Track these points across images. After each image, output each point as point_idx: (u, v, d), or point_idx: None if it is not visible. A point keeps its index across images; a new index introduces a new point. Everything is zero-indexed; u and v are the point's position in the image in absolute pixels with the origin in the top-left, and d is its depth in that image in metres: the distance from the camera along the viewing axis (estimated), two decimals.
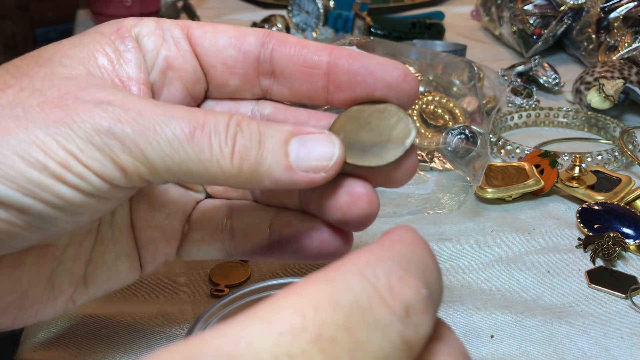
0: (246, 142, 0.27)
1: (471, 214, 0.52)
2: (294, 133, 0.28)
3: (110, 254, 0.33)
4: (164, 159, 0.26)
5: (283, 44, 0.31)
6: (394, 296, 0.19)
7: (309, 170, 0.28)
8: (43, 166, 0.25)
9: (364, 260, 0.19)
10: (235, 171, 0.27)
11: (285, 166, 0.28)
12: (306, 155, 0.28)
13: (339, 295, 0.18)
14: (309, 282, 0.19)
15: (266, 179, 0.27)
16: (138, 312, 0.40)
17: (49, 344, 0.37)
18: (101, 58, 0.29)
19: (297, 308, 0.18)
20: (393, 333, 0.18)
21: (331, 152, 0.28)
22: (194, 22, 0.32)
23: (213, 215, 0.35)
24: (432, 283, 0.20)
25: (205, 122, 0.27)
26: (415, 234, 0.22)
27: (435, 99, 0.60)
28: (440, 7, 1.12)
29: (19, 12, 2.02)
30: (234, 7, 1.16)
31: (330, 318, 0.18)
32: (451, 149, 0.54)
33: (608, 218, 0.49)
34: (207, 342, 0.17)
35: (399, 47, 0.71)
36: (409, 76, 0.30)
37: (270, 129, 0.28)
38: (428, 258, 0.21)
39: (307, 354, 0.17)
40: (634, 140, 0.61)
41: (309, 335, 0.17)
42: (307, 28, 0.90)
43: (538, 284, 0.43)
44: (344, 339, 0.18)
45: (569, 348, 0.38)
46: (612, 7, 0.78)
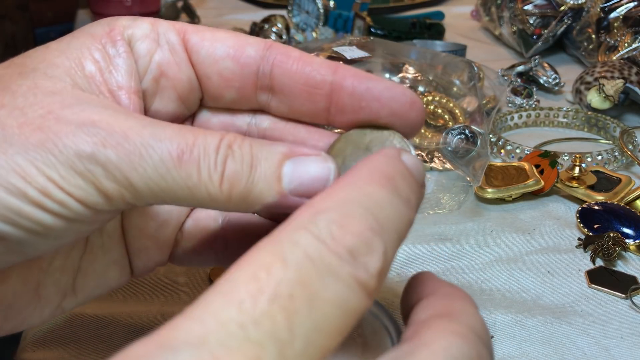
0: (237, 167, 0.25)
1: (471, 214, 0.52)
2: (288, 155, 0.26)
3: (100, 262, 0.32)
4: (149, 184, 0.25)
5: (285, 58, 0.29)
6: (337, 243, 0.19)
7: (302, 194, 0.26)
8: (22, 193, 0.24)
9: (304, 216, 0.20)
10: (224, 197, 0.25)
11: (277, 192, 0.26)
12: (300, 179, 0.26)
13: (286, 252, 0.19)
14: (257, 249, 0.19)
15: (257, 204, 0.26)
16: (138, 312, 0.40)
17: (49, 344, 0.37)
18: (89, 65, 0.28)
19: (250, 274, 0.18)
20: (344, 276, 0.19)
21: (326, 176, 0.27)
22: (192, 26, 0.30)
23: (206, 225, 0.34)
24: (383, 219, 0.21)
25: (195, 145, 0.25)
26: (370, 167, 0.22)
27: (435, 99, 0.60)
28: (440, 7, 1.12)
29: (19, 12, 2.02)
30: (234, 7, 1.16)
31: (283, 275, 0.18)
32: (451, 149, 0.54)
33: (608, 218, 0.49)
34: (177, 328, 0.18)
35: (399, 47, 0.71)
36: (416, 104, 0.28)
37: (263, 151, 0.26)
38: (379, 193, 0.21)
39: (269, 314, 0.18)
40: (634, 140, 0.61)
41: (267, 297, 0.18)
42: (307, 28, 0.90)
43: (538, 284, 0.43)
44: (301, 292, 0.18)
45: (569, 348, 0.38)
46: (612, 7, 0.78)
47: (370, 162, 0.22)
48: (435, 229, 0.50)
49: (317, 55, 0.66)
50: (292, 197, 0.26)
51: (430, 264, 0.46)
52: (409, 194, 0.22)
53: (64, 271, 0.30)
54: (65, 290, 0.31)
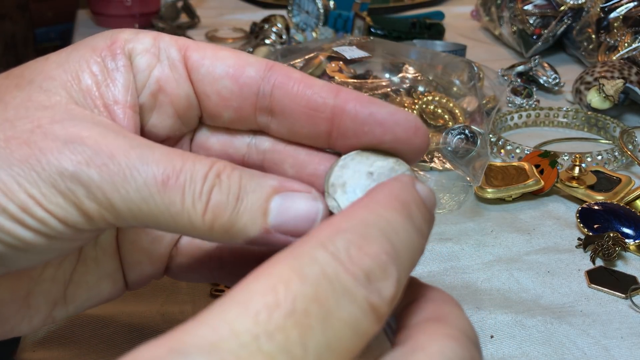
0: (222, 198, 0.25)
1: (471, 214, 0.52)
2: (278, 189, 0.26)
3: (93, 274, 0.32)
4: (130, 207, 0.24)
5: (286, 80, 0.28)
6: (354, 265, 0.20)
7: (288, 232, 0.26)
8: (2, 208, 0.24)
9: (324, 234, 0.20)
10: (206, 227, 0.25)
11: (261, 227, 0.25)
12: (286, 216, 0.26)
13: (305, 268, 0.19)
14: (276, 261, 0.19)
15: (239, 237, 0.25)
16: (138, 312, 0.40)
17: (49, 344, 0.37)
18: (86, 79, 0.28)
19: (268, 286, 0.18)
20: (359, 298, 0.19)
21: (313, 216, 0.26)
22: (194, 43, 0.30)
23: (202, 243, 0.33)
24: (398, 244, 0.21)
25: (182, 171, 0.25)
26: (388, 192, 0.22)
27: (435, 99, 0.60)
28: (440, 7, 1.12)
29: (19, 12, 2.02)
30: (234, 7, 1.16)
31: (301, 291, 0.18)
32: (451, 149, 0.54)
33: (608, 218, 0.49)
34: (189, 333, 0.18)
35: (399, 47, 0.71)
36: (420, 130, 0.27)
37: (253, 182, 0.26)
38: (396, 219, 0.21)
39: (283, 329, 0.18)
40: (634, 140, 0.61)
41: (283, 311, 0.18)
42: (307, 28, 0.90)
43: (538, 284, 0.43)
44: (316, 310, 0.18)
45: (569, 348, 0.38)
46: (612, 7, 0.78)
47: (386, 188, 0.23)
48: (435, 229, 0.49)
49: (317, 55, 0.66)
50: (277, 233, 0.26)
51: (430, 264, 0.46)
52: (422, 224, 0.23)
53: (55, 281, 0.30)
54: (55, 300, 0.30)
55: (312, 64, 0.65)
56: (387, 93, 0.63)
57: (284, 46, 0.83)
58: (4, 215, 0.24)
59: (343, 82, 0.62)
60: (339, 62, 0.66)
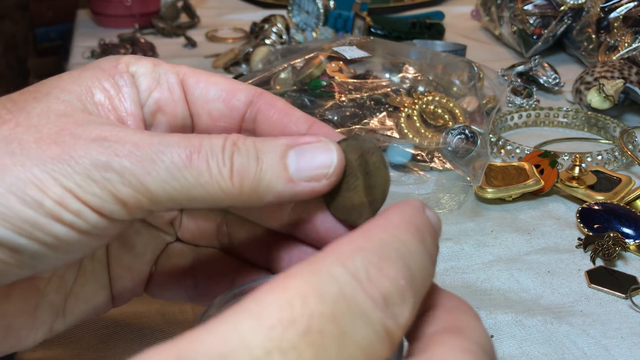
0: (244, 160, 0.27)
1: (471, 214, 0.52)
2: (290, 145, 0.28)
3: (90, 286, 0.33)
4: (164, 187, 0.26)
5: (269, 107, 0.31)
6: (374, 287, 0.19)
7: (311, 179, 0.28)
8: (39, 205, 0.25)
9: (344, 251, 0.20)
10: (236, 191, 0.27)
11: (286, 179, 0.27)
12: (306, 165, 0.28)
13: (324, 286, 0.18)
14: (293, 275, 0.19)
15: (268, 194, 0.27)
16: (138, 312, 0.40)
17: (49, 344, 0.37)
18: (98, 94, 0.29)
19: (285, 301, 0.18)
20: (376, 322, 0.19)
21: (330, 158, 0.28)
22: (190, 70, 0.32)
23: (177, 263, 0.35)
24: (414, 269, 0.21)
25: (202, 146, 0.26)
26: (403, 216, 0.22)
27: (435, 99, 0.60)
28: (440, 7, 1.12)
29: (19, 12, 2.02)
30: (234, 7, 1.16)
31: (317, 309, 0.18)
32: (451, 149, 0.54)
33: (608, 218, 0.49)
34: (199, 341, 0.17)
35: (399, 47, 0.71)
36: None
37: (266, 145, 0.28)
38: (412, 243, 0.21)
39: (297, 347, 0.17)
40: (634, 140, 0.61)
41: (298, 328, 0.18)
42: (307, 28, 0.90)
43: (538, 284, 0.43)
44: (332, 331, 0.18)
45: (569, 348, 0.38)
46: (612, 7, 0.78)
47: (399, 211, 0.22)
48: None
49: (317, 55, 0.66)
50: (301, 182, 0.28)
51: None
52: (433, 249, 0.23)
53: (58, 293, 0.32)
54: (57, 312, 0.32)
55: (312, 64, 0.65)
56: (387, 93, 0.63)
57: (284, 46, 0.83)
58: (39, 212, 0.25)
59: (343, 82, 0.62)
60: (339, 62, 0.66)
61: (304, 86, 0.64)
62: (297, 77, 0.65)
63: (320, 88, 0.63)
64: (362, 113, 0.60)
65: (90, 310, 0.33)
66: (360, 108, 0.60)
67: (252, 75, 0.63)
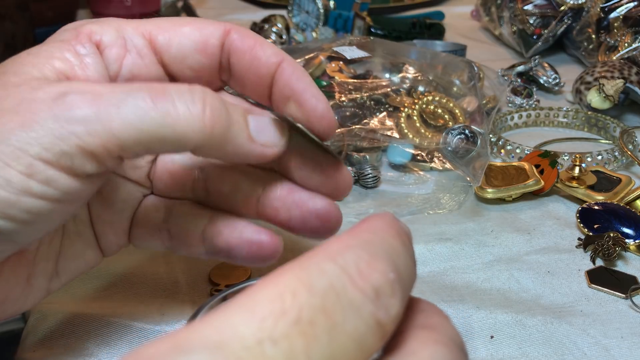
0: (216, 104, 0.28)
1: (471, 214, 0.52)
2: (249, 111, 0.30)
3: (78, 246, 0.34)
4: (130, 132, 0.26)
5: (241, 46, 0.33)
6: (364, 279, 0.20)
7: (263, 144, 0.30)
8: (7, 182, 0.25)
9: (333, 248, 0.20)
10: (207, 131, 0.27)
11: (247, 135, 0.29)
12: (260, 129, 0.30)
13: (313, 280, 0.19)
14: (284, 271, 0.20)
15: (231, 144, 0.29)
16: (138, 311, 0.40)
17: (50, 343, 0.38)
18: (59, 63, 0.29)
19: (276, 294, 0.19)
20: (366, 314, 0.19)
21: (279, 132, 0.31)
22: (155, 26, 0.32)
23: (152, 216, 0.36)
24: (401, 267, 0.21)
25: (166, 88, 0.27)
26: (384, 221, 0.23)
27: (435, 99, 0.60)
28: (440, 7, 1.12)
29: (19, 12, 2.02)
30: (234, 7, 1.16)
31: (307, 302, 0.18)
32: (451, 149, 0.54)
33: (608, 218, 0.49)
34: (194, 332, 0.18)
35: (399, 47, 0.71)
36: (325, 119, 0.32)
37: (229, 105, 0.29)
38: (396, 243, 0.22)
39: (288, 336, 0.18)
40: (634, 140, 0.61)
41: (289, 319, 0.18)
42: (307, 28, 0.90)
43: (538, 284, 0.43)
44: (322, 321, 0.18)
45: (569, 348, 0.38)
46: (612, 7, 0.78)
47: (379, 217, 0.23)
48: (435, 229, 0.50)
49: (317, 55, 0.66)
50: (259, 145, 0.30)
51: (430, 264, 0.46)
52: (412, 251, 0.23)
53: (49, 259, 0.33)
54: (51, 275, 0.33)
55: (312, 64, 0.65)
56: (387, 93, 0.63)
57: (284, 46, 0.83)
58: (8, 190, 0.25)
59: (343, 82, 0.62)
60: (339, 62, 0.66)
61: None
62: None
63: (320, 88, 0.63)
64: (362, 113, 0.60)
65: (82, 266, 0.35)
66: (360, 108, 0.60)
67: None
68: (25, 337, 0.38)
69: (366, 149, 0.57)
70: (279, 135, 0.31)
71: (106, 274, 0.43)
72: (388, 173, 0.57)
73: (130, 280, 0.43)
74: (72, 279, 0.35)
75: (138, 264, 0.44)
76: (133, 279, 0.43)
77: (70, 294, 0.42)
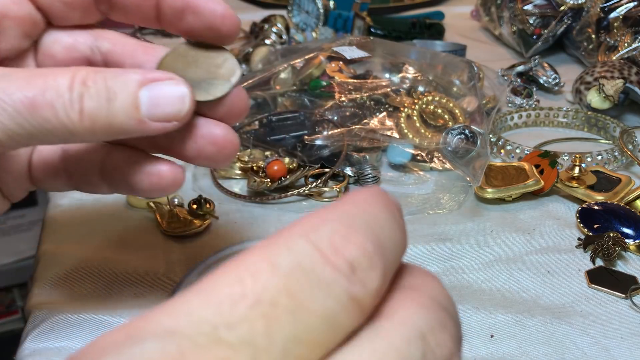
0: (94, 104, 0.27)
1: (471, 214, 0.52)
2: (143, 82, 0.29)
3: None
4: (11, 136, 0.27)
5: None
6: (337, 254, 0.19)
7: (161, 119, 0.29)
8: None
9: (308, 223, 0.19)
10: (88, 132, 0.27)
11: (137, 120, 0.28)
12: (157, 105, 0.29)
13: (277, 259, 0.18)
14: (250, 251, 0.19)
15: (120, 133, 0.28)
16: (138, 311, 0.40)
17: (50, 343, 0.37)
18: None
19: (235, 277, 0.18)
20: (338, 290, 0.18)
21: (181, 101, 0.29)
22: None
23: (48, 159, 0.36)
24: (383, 237, 0.20)
25: (46, 89, 0.27)
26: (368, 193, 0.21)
27: (435, 99, 0.60)
28: (440, 7, 1.12)
29: None
30: (234, 7, 1.15)
31: (269, 282, 0.18)
32: (451, 149, 0.54)
33: (608, 218, 0.49)
34: (149, 320, 0.17)
35: (399, 47, 0.71)
36: (228, 18, 0.31)
37: (118, 82, 0.28)
38: (379, 213, 0.21)
39: (246, 319, 0.17)
40: (633, 140, 0.61)
41: (248, 302, 0.17)
42: (307, 28, 0.90)
43: (538, 284, 0.43)
44: (286, 302, 0.18)
45: (569, 348, 0.38)
46: (612, 7, 0.78)
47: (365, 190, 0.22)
48: (435, 229, 0.50)
49: (317, 55, 0.66)
50: (152, 122, 0.29)
51: (430, 264, 0.46)
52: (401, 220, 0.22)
53: None
54: None
55: (312, 64, 0.65)
56: (387, 93, 0.63)
57: (284, 46, 0.83)
58: None
59: (343, 82, 0.62)
60: (339, 62, 0.66)
61: (303, 86, 0.64)
62: (297, 77, 0.65)
63: (320, 88, 0.63)
64: (362, 113, 0.60)
65: None
66: (360, 108, 0.60)
67: (252, 75, 0.63)
68: (25, 337, 0.38)
69: (366, 149, 0.57)
70: (180, 103, 0.30)
71: (106, 273, 0.43)
72: (388, 173, 0.57)
73: (129, 280, 0.43)
74: None
75: (138, 264, 0.44)
76: (132, 278, 0.43)
77: (70, 294, 0.42)
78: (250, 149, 0.57)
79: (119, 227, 0.49)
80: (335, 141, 0.55)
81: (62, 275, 0.43)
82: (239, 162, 0.55)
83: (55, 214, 0.51)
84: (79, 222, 0.49)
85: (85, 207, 0.51)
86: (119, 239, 0.48)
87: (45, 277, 0.43)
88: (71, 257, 0.45)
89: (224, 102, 0.32)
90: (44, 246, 0.47)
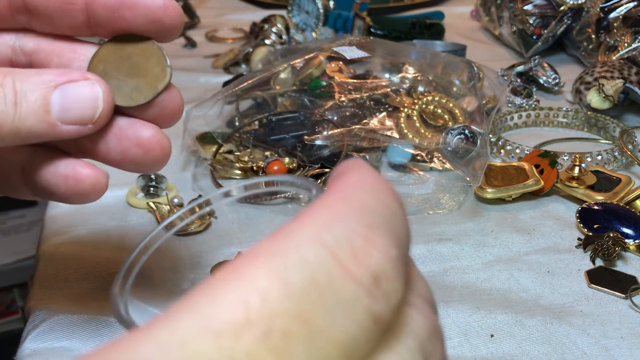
0: (0, 107, 0.26)
1: (471, 214, 0.52)
2: (56, 83, 0.27)
3: None
4: None
5: None
6: (359, 264, 0.15)
7: (75, 122, 0.27)
8: None
9: (321, 219, 0.16)
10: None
11: (48, 123, 0.27)
12: (68, 108, 0.27)
13: (290, 273, 0.15)
14: (254, 258, 0.15)
15: (31, 137, 0.27)
16: None
17: (49, 343, 0.37)
18: None
19: (239, 296, 0.14)
20: (359, 311, 0.15)
21: (95, 103, 0.27)
22: None
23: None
24: (401, 235, 0.17)
25: None
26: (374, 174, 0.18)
27: (435, 99, 0.60)
28: (440, 7, 1.12)
29: None
30: (234, 7, 1.16)
31: (280, 306, 0.14)
32: (451, 149, 0.54)
33: (608, 218, 0.49)
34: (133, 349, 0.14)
35: (399, 47, 0.71)
36: (169, 9, 0.29)
37: (29, 84, 0.27)
38: (394, 203, 0.18)
39: (255, 355, 0.14)
40: (633, 140, 0.61)
41: (255, 333, 0.14)
42: (307, 28, 0.90)
43: (538, 284, 0.43)
44: (300, 331, 0.14)
45: (569, 348, 0.38)
46: (612, 7, 0.78)
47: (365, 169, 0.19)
48: (435, 229, 0.50)
49: (317, 55, 0.66)
50: (64, 126, 0.27)
51: (430, 264, 0.46)
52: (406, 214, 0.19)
53: None
54: None
55: (312, 64, 0.65)
56: (387, 93, 0.63)
57: (283, 46, 0.83)
58: None
59: (343, 82, 0.62)
60: (339, 62, 0.66)
61: (303, 86, 0.64)
62: (297, 77, 0.65)
63: (320, 88, 0.63)
64: (362, 113, 0.60)
65: None
66: (360, 108, 0.60)
67: (251, 75, 0.63)
68: (25, 337, 0.38)
69: (366, 149, 0.57)
70: (94, 105, 0.27)
71: (106, 274, 0.43)
72: (388, 173, 0.57)
73: None
74: None
75: None
76: None
77: (70, 294, 0.42)
78: (250, 149, 0.57)
79: (119, 227, 0.49)
80: (335, 141, 0.55)
81: (62, 275, 0.43)
82: (239, 162, 0.55)
83: (55, 214, 0.51)
84: (79, 222, 0.50)
85: (85, 207, 0.51)
86: (119, 239, 0.48)
87: (45, 277, 0.43)
88: (71, 257, 0.45)
89: (154, 104, 0.30)
90: (44, 246, 0.47)
